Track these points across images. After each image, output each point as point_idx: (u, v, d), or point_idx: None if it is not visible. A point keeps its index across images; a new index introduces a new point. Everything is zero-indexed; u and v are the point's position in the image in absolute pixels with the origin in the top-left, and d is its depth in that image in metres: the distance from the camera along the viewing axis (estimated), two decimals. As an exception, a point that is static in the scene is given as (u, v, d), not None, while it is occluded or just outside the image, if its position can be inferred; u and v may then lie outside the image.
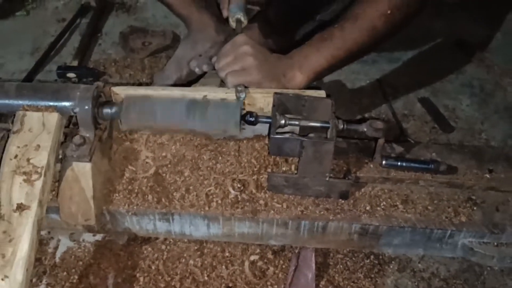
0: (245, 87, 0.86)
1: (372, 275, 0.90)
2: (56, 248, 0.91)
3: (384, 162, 0.87)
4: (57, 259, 0.89)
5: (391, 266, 0.92)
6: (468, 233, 0.84)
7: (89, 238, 0.92)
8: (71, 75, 1.26)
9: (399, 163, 0.87)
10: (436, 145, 0.99)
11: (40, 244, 0.91)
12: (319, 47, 0.90)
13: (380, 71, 1.33)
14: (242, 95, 0.84)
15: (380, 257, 0.93)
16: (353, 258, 0.92)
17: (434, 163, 0.87)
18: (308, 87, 0.90)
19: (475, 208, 0.87)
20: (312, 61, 0.90)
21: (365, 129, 0.82)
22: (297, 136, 0.78)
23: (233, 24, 1.02)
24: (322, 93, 0.87)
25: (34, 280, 0.86)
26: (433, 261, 0.94)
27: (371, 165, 0.91)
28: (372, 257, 0.93)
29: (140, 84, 1.25)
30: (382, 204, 0.86)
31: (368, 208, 0.85)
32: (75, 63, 1.31)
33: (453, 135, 1.18)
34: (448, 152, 0.95)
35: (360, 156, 0.92)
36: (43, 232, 0.93)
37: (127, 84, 1.26)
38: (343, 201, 0.86)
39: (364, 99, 1.26)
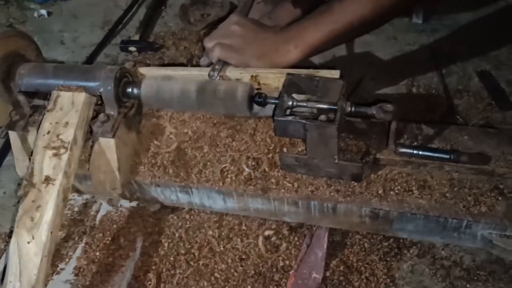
0: (225, 63, 0.87)
1: (388, 259, 0.89)
2: (97, 211, 1.01)
3: (397, 150, 0.83)
4: (96, 221, 0.99)
5: (410, 251, 0.90)
6: (487, 225, 0.79)
7: (126, 204, 1.01)
8: (132, 48, 1.36)
9: (414, 152, 0.83)
10: (472, 127, 0.92)
11: (85, 206, 1.03)
12: (316, 21, 0.87)
13: (439, 41, 1.24)
14: (215, 74, 0.86)
15: (401, 240, 0.91)
16: (372, 240, 0.92)
17: (454, 153, 0.81)
18: (323, 66, 0.88)
19: (499, 198, 0.80)
20: (309, 34, 0.87)
21: (374, 112, 0.79)
22: (300, 119, 0.78)
23: None
24: (336, 73, 0.85)
25: (76, 238, 0.97)
26: (458, 249, 0.90)
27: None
28: (391, 240, 0.91)
29: (192, 57, 1.31)
30: (396, 189, 0.83)
31: (380, 191, 0.83)
32: (137, 37, 1.40)
33: (510, 113, 1.08)
34: (483, 136, 0.88)
35: (383, 137, 0.89)
36: (88, 196, 1.04)
37: (180, 56, 1.32)
38: (355, 183, 0.85)
39: (416, 72, 1.19)
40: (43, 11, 1.57)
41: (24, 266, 0.76)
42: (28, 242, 0.76)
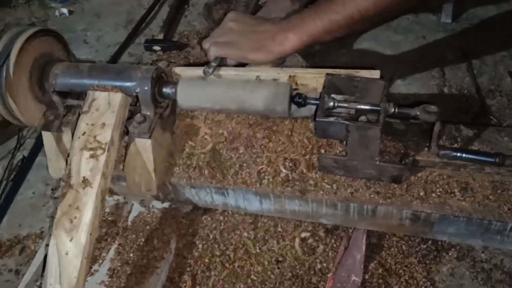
0: (222, 64, 0.89)
1: (427, 261, 0.88)
2: (129, 212, 1.00)
3: (440, 152, 0.82)
4: (129, 222, 0.98)
5: (449, 254, 0.89)
6: (532, 228, 0.78)
7: (157, 205, 1.00)
8: (156, 47, 1.35)
9: (458, 154, 0.81)
10: (510, 128, 0.91)
11: (116, 207, 1.02)
12: (317, 10, 0.86)
13: (469, 41, 1.23)
14: (210, 71, 0.87)
15: (439, 243, 0.90)
16: (409, 242, 0.90)
17: (499, 157, 0.79)
18: (362, 67, 0.86)
19: (544, 201, 0.80)
20: (308, 23, 0.86)
21: (418, 113, 0.78)
22: (343, 120, 0.77)
23: None
24: (376, 74, 0.84)
25: (109, 239, 0.97)
26: (498, 252, 0.89)
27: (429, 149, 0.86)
28: (429, 242, 0.90)
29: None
30: (437, 191, 0.82)
31: (421, 194, 0.82)
32: (161, 36, 1.39)
33: (545, 116, 1.07)
34: (524, 137, 0.87)
35: (421, 139, 0.88)
36: (119, 197, 1.03)
37: (205, 56, 1.30)
38: (396, 185, 0.84)
39: (447, 72, 1.18)
40: (64, 10, 1.57)
41: (64, 268, 0.75)
42: (67, 251, 0.75)
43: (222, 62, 0.92)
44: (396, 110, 0.79)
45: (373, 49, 1.24)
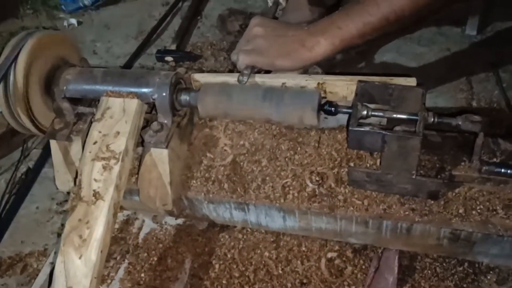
0: (255, 70, 0.84)
1: (465, 285, 0.81)
2: (140, 228, 0.94)
3: (484, 168, 0.76)
4: (140, 240, 0.92)
5: (488, 277, 0.82)
6: None
7: (171, 221, 0.94)
8: (169, 58, 1.30)
9: (502, 170, 0.75)
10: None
11: (126, 223, 0.95)
12: (349, 12, 0.80)
13: (495, 53, 1.18)
14: (244, 79, 0.82)
15: (476, 265, 0.83)
16: (444, 264, 0.84)
17: None
18: (397, 74, 0.81)
19: None
20: (340, 26, 0.80)
21: (460, 123, 0.72)
22: (379, 129, 0.71)
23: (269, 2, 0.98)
24: (412, 81, 0.78)
25: (118, 258, 0.90)
26: (541, 275, 0.82)
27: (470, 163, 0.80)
28: (466, 264, 0.83)
29: (234, 67, 1.24)
30: (478, 208, 0.76)
31: (461, 211, 0.75)
32: (173, 47, 1.34)
33: None
34: None
35: (458, 152, 0.82)
36: (129, 213, 0.96)
37: (220, 67, 1.26)
38: (432, 202, 0.77)
39: (474, 85, 1.13)
40: (73, 21, 1.53)
41: (72, 288, 0.68)
42: (76, 270, 0.69)
43: (254, 70, 0.86)
44: (436, 119, 0.73)
45: (396, 61, 1.19)
